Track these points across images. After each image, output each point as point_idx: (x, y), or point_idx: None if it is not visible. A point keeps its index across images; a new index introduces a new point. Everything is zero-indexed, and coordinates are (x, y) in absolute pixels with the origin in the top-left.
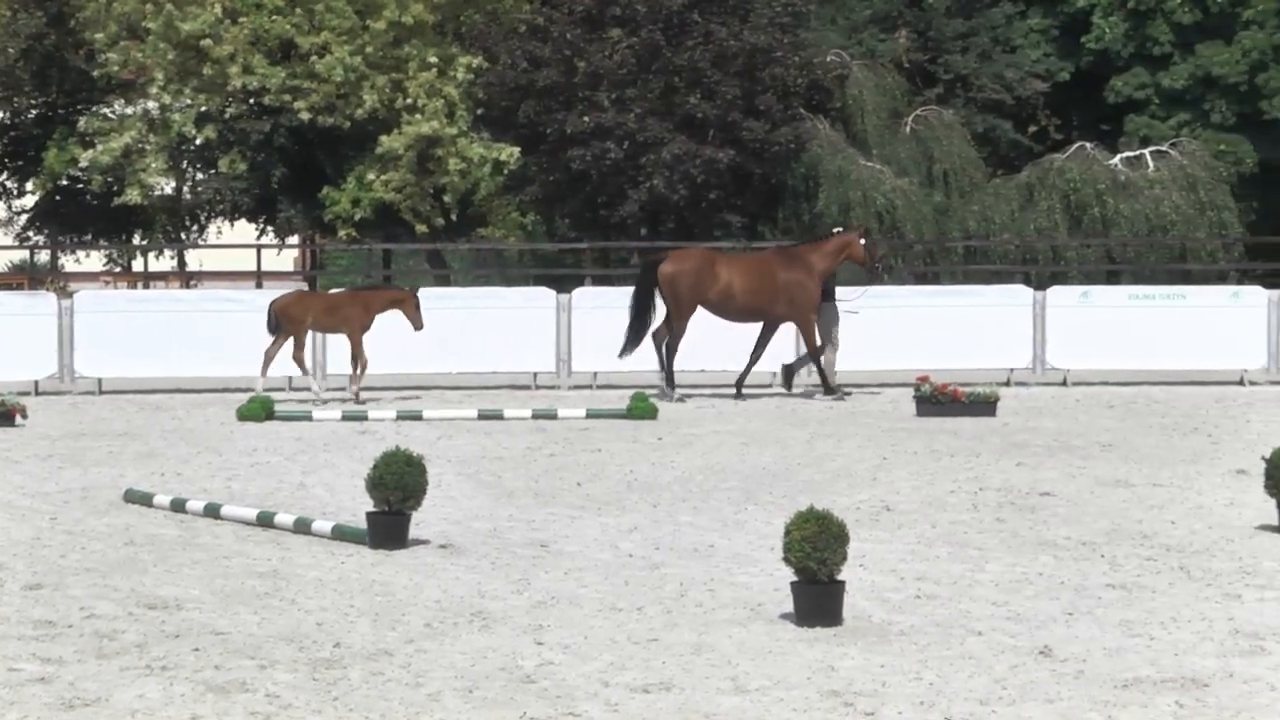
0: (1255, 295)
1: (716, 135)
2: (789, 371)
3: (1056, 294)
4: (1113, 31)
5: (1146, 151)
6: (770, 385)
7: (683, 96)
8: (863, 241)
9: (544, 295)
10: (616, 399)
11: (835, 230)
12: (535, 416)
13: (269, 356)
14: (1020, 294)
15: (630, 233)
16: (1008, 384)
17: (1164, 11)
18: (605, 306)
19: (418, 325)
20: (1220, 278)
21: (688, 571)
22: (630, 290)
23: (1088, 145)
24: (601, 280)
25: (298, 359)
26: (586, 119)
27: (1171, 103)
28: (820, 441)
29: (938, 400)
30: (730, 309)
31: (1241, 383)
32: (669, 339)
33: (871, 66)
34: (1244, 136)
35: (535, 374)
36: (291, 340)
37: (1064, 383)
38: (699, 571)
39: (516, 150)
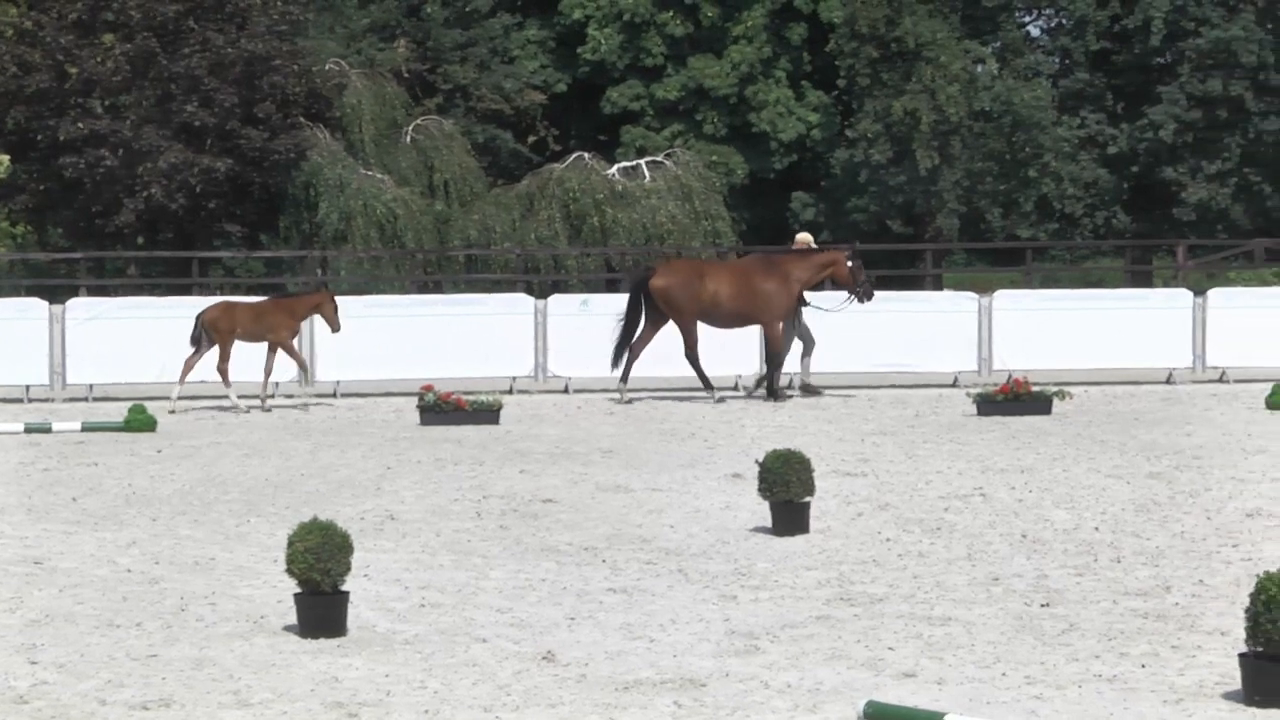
0: None
1: (215, 144)
2: (766, 381)
3: (557, 302)
4: (608, 43)
5: (643, 162)
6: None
7: (179, 104)
8: (850, 264)
9: (35, 306)
10: (115, 411)
11: (804, 237)
12: (28, 430)
13: (189, 366)
14: (521, 302)
15: (127, 242)
16: (510, 392)
17: (657, 24)
18: (101, 317)
19: (335, 327)
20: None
21: (188, 585)
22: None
23: (586, 155)
24: (97, 290)
25: (221, 370)
26: (80, 126)
27: (665, 114)
28: (324, 452)
29: (441, 409)
30: (717, 316)
31: (736, 388)
32: (685, 349)
33: (371, 76)
34: (734, 148)
35: (28, 387)
36: (215, 350)
37: (565, 390)
38: (200, 585)
39: (6, 158)
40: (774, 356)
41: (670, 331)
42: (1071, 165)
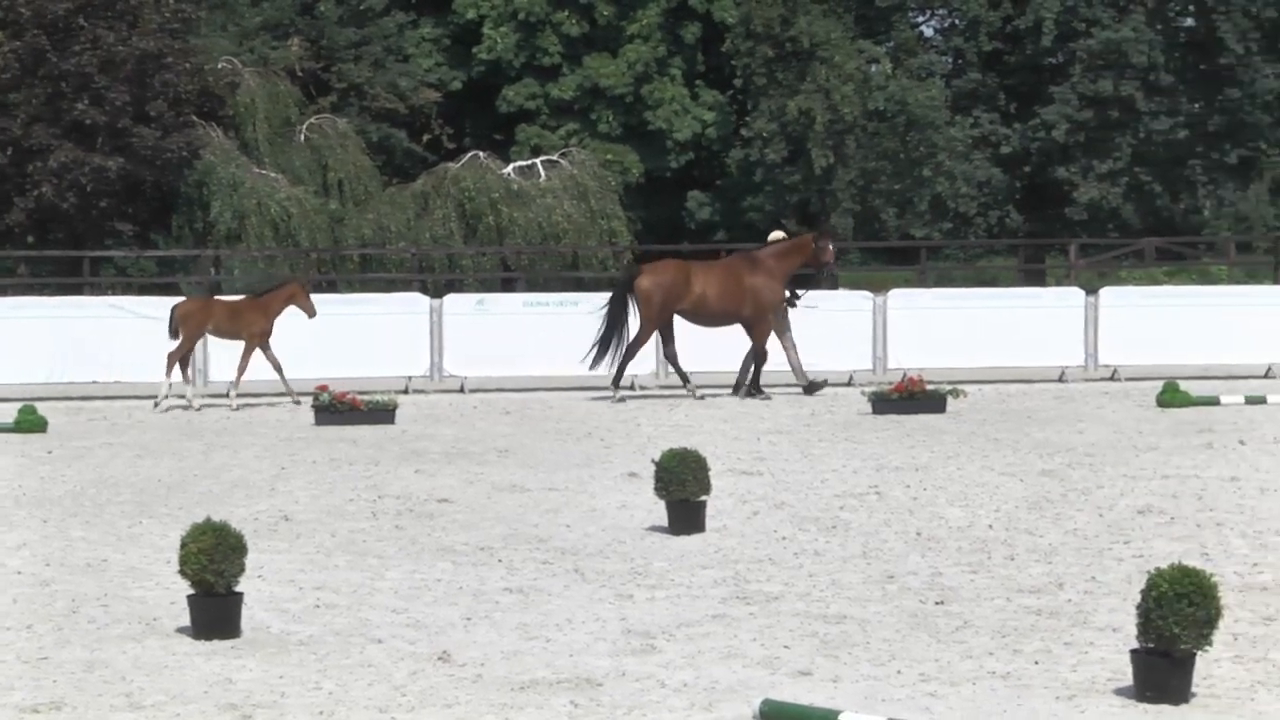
0: None
1: (106, 142)
2: (751, 375)
3: (453, 302)
4: (504, 42)
5: (538, 161)
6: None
7: (70, 102)
8: (816, 245)
9: None
10: (5, 411)
11: (777, 234)
12: None
13: (184, 365)
14: (417, 302)
15: (17, 242)
16: (406, 391)
17: (553, 23)
18: None
19: (311, 313)
20: (611, 285)
21: (80, 587)
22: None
23: (481, 154)
24: None
25: (171, 359)
26: None
27: (561, 113)
28: (217, 452)
29: (336, 409)
30: (703, 315)
31: (632, 388)
32: (630, 342)
33: (264, 74)
34: (630, 147)
35: None
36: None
37: (461, 390)
38: (92, 587)
39: None
40: (759, 353)
41: (680, 330)
42: (965, 165)
